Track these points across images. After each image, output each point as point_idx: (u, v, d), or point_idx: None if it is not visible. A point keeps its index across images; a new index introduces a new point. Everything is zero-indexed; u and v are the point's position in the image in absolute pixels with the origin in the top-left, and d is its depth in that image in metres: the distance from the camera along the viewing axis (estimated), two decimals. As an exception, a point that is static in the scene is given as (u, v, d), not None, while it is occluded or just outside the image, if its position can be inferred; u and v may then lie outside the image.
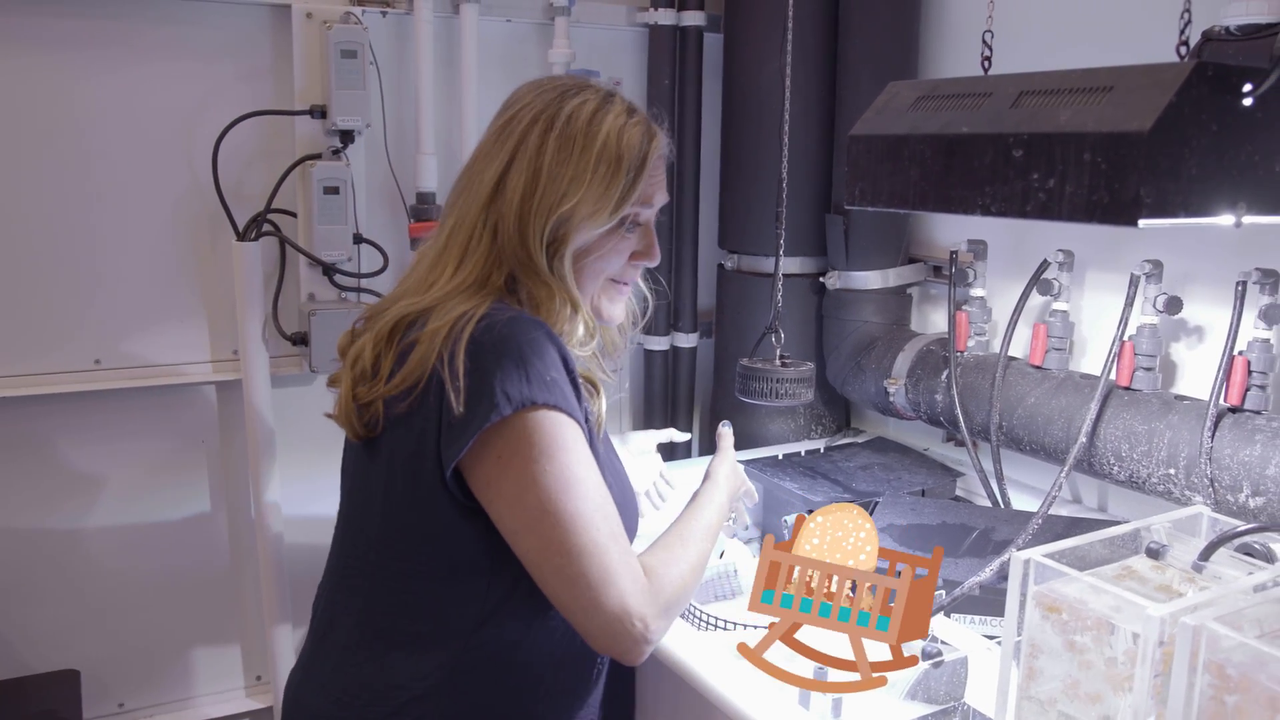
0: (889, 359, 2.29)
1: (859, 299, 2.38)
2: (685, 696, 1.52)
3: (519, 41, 2.46)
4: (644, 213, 1.36)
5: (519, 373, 1.17)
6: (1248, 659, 1.19)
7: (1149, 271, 1.84)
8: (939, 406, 2.16)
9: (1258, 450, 1.63)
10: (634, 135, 1.31)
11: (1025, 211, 1.24)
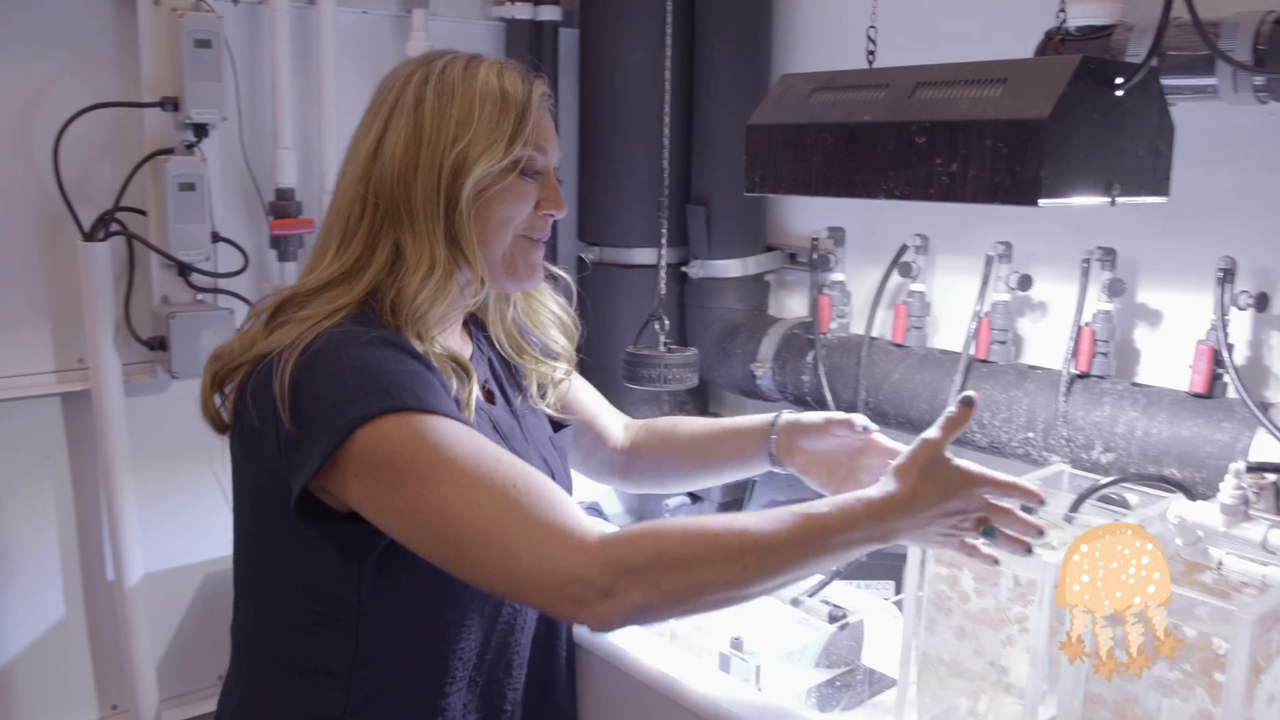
0: (754, 344, 2.38)
1: (722, 287, 2.46)
2: (608, 673, 1.55)
3: (375, 34, 2.42)
4: (539, 158, 1.31)
5: (357, 387, 1.12)
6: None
7: (1001, 252, 1.99)
8: (806, 387, 2.27)
9: (1106, 411, 1.80)
10: (513, 79, 1.29)
11: (929, 194, 1.33)
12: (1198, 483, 1.65)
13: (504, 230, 1.30)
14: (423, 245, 1.23)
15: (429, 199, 1.22)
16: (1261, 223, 1.76)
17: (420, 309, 1.22)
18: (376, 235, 1.24)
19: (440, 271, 1.23)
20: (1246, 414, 1.66)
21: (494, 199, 1.27)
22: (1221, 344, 1.72)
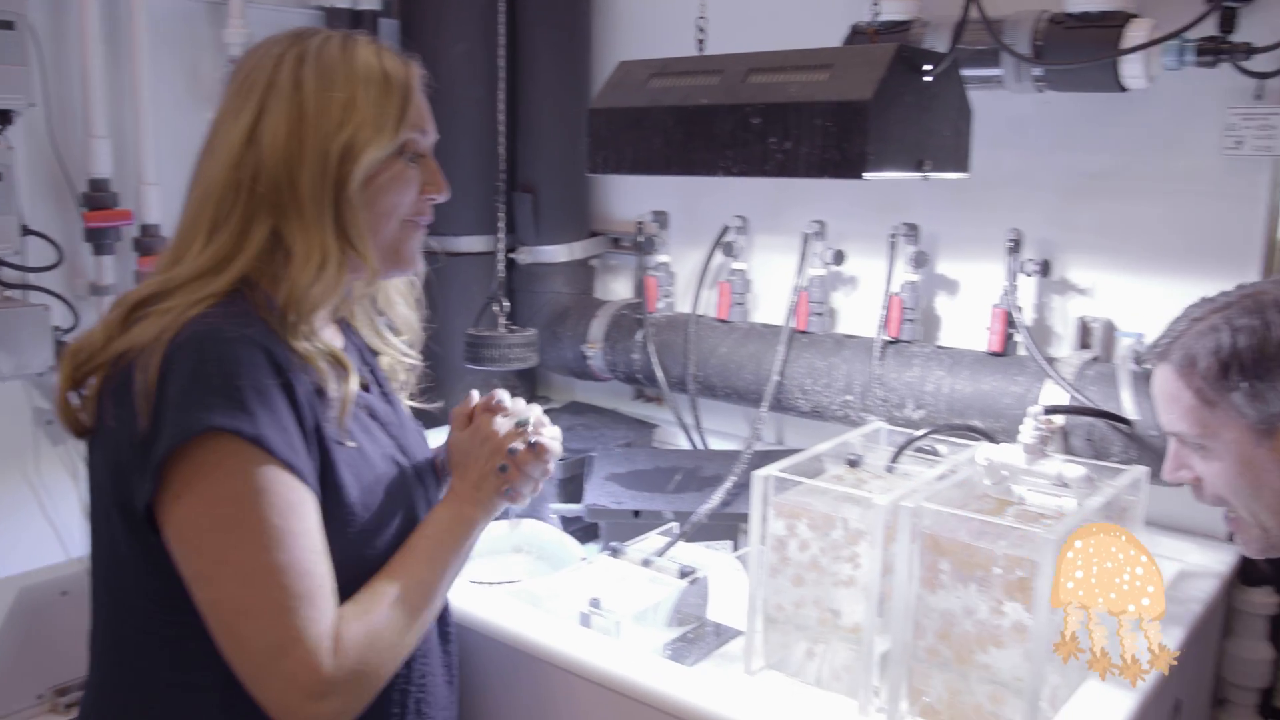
0: (584, 326, 2.46)
1: (549, 272, 2.53)
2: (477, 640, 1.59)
3: (190, 21, 2.36)
4: (421, 140, 1.28)
5: (216, 392, 1.07)
6: (948, 526, 1.47)
7: (816, 230, 2.15)
8: (636, 365, 2.37)
9: (916, 372, 1.98)
10: (392, 60, 1.25)
11: (765, 170, 1.44)
12: (998, 431, 1.84)
13: (391, 218, 1.26)
14: (312, 236, 1.17)
15: (316, 186, 1.17)
16: (1043, 198, 1.97)
17: (313, 303, 1.17)
18: (250, 222, 1.17)
19: (333, 263, 1.18)
20: (1036, 368, 1.87)
21: (382, 186, 1.22)
22: (1012, 307, 1.93)
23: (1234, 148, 1.77)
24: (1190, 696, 1.69)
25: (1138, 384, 1.76)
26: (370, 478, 1.23)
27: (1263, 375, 1.20)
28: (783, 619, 1.68)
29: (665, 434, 2.49)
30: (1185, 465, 1.34)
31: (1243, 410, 1.22)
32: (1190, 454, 1.32)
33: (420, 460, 1.37)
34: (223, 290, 1.15)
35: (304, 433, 1.13)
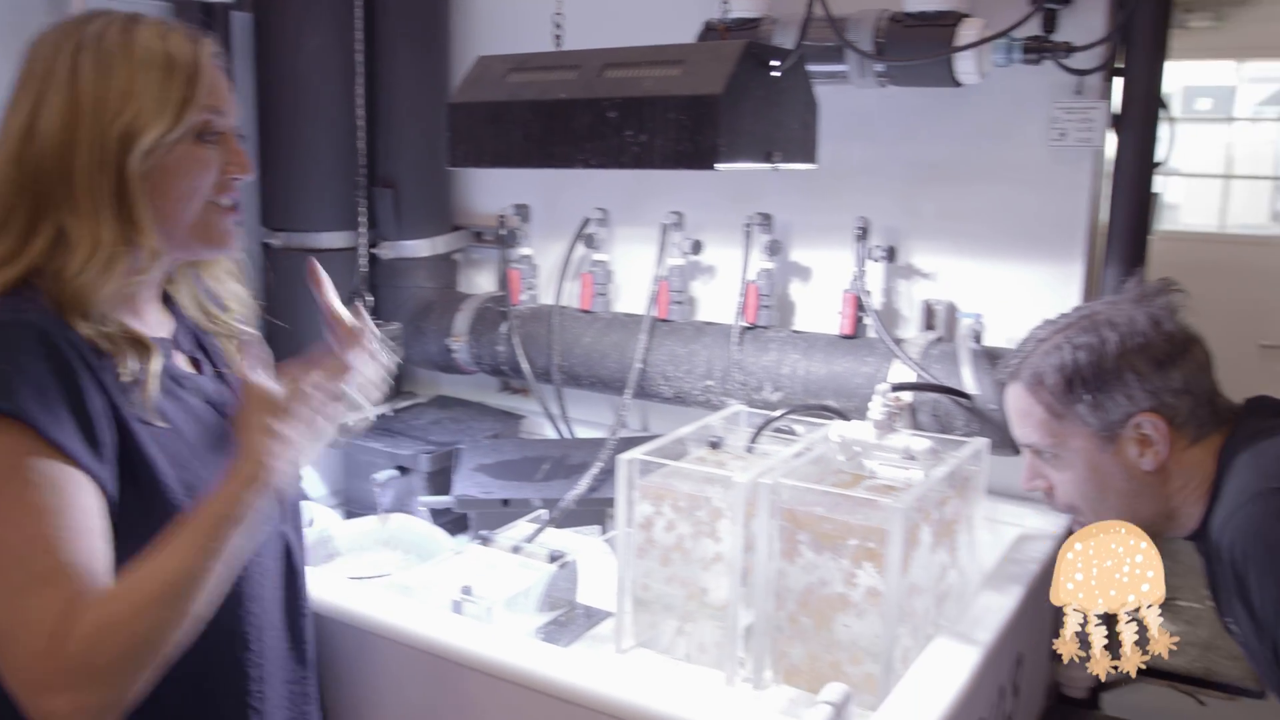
0: (448, 319, 2.47)
1: (412, 267, 2.53)
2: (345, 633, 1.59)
3: (27, 12, 2.26)
4: (217, 120, 1.24)
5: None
6: (804, 500, 1.55)
7: (674, 221, 2.21)
8: (501, 357, 2.39)
9: (773, 356, 2.06)
10: (178, 41, 1.21)
11: (621, 163, 1.49)
12: (851, 410, 1.93)
13: (190, 200, 1.23)
14: (85, 225, 1.15)
15: (92, 176, 1.15)
16: (888, 188, 2.07)
17: (83, 290, 1.15)
18: (36, 220, 1.15)
19: (105, 251, 1.15)
20: (885, 349, 1.96)
21: (174, 170, 1.20)
22: (861, 292, 2.02)
23: (1058, 139, 1.90)
24: (1031, 650, 1.81)
25: (977, 361, 1.87)
26: (189, 457, 1.21)
27: (1102, 387, 1.31)
28: (651, 599, 1.74)
29: (532, 425, 2.52)
30: (1040, 475, 1.43)
31: (1087, 420, 1.33)
32: (1043, 465, 1.42)
33: None
34: (6, 283, 1.14)
35: (89, 414, 1.11)
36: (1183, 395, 1.31)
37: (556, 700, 1.38)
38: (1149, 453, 1.32)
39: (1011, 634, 1.61)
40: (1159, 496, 1.34)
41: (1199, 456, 1.32)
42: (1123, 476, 1.34)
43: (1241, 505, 1.22)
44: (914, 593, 1.56)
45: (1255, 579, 1.17)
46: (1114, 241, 1.88)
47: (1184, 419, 1.31)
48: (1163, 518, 1.36)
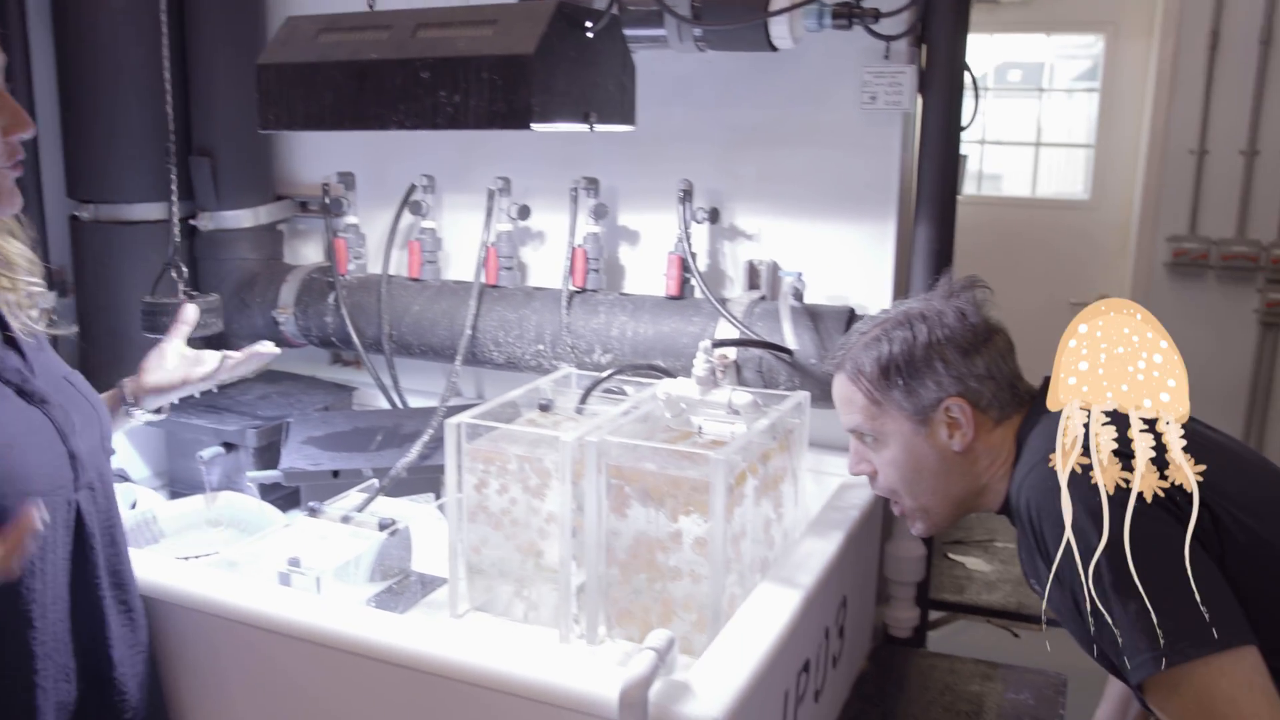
0: (273, 291, 2.40)
1: (233, 238, 2.45)
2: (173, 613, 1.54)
3: None
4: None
5: None
6: (630, 456, 1.58)
7: (501, 187, 2.20)
8: (330, 328, 2.34)
9: (602, 318, 2.08)
10: None
11: (436, 123, 1.47)
12: (679, 369, 1.97)
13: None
14: None
15: None
16: (709, 151, 2.11)
17: None
18: None
19: None
20: (710, 309, 2.01)
21: None
22: (686, 254, 2.06)
23: (869, 103, 1.97)
24: (855, 592, 1.89)
25: (797, 318, 1.93)
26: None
27: (914, 375, 1.42)
28: (486, 564, 1.74)
29: (365, 396, 2.48)
30: (864, 460, 1.52)
31: (902, 405, 1.43)
32: (867, 449, 1.51)
33: (63, 405, 1.31)
34: None
35: None
36: (986, 380, 1.41)
37: (388, 665, 1.38)
38: (957, 434, 1.42)
39: (835, 577, 1.68)
40: (969, 475, 1.44)
41: (1002, 436, 1.43)
42: (935, 458, 1.44)
43: (1033, 467, 1.30)
44: (739, 541, 1.61)
45: (1049, 532, 1.24)
46: (923, 201, 1.96)
47: (987, 402, 1.42)
48: (974, 495, 1.46)
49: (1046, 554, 1.26)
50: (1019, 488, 1.33)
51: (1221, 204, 4.03)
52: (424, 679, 1.36)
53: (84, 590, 1.33)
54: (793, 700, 1.55)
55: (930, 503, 1.48)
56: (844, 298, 2.06)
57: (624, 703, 1.19)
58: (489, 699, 1.32)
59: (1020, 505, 1.31)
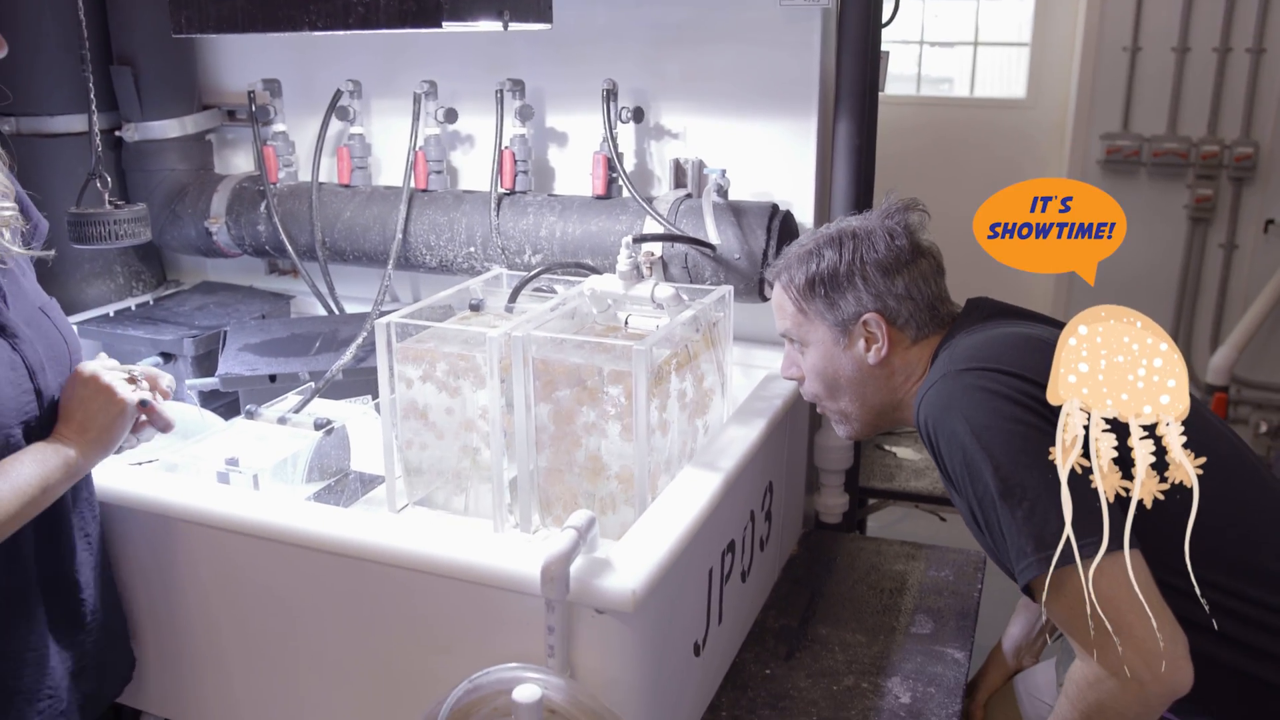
0: (204, 201, 2.40)
1: (161, 149, 2.43)
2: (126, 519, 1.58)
3: None
4: None
5: None
6: (554, 350, 1.63)
7: (427, 90, 2.20)
8: (263, 237, 2.35)
9: (530, 219, 2.10)
10: None
11: (349, 24, 1.48)
12: (607, 267, 2.00)
13: None
14: None
15: None
16: (633, 50, 2.12)
17: None
18: None
19: None
20: (638, 208, 2.04)
21: None
22: (613, 153, 2.08)
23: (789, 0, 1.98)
24: (782, 479, 1.96)
25: (719, 214, 1.97)
26: None
27: (836, 289, 1.51)
28: (423, 463, 1.79)
29: (302, 305, 2.50)
30: (794, 364, 1.62)
31: (825, 315, 1.53)
32: (797, 354, 1.61)
33: (32, 340, 1.34)
34: None
35: None
36: (905, 300, 1.50)
37: (322, 554, 1.43)
38: (874, 348, 1.51)
39: (758, 462, 1.75)
40: (885, 388, 1.54)
41: (919, 354, 1.52)
42: (853, 368, 1.54)
43: (932, 384, 1.38)
44: (665, 430, 1.67)
45: (944, 446, 1.32)
46: (843, 98, 1.99)
47: (904, 321, 1.51)
48: (891, 408, 1.56)
49: (944, 467, 1.35)
50: (919, 404, 1.39)
51: (1154, 101, 4.08)
52: (357, 565, 1.42)
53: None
54: (718, 578, 1.62)
55: (849, 409, 1.58)
56: (768, 194, 2.10)
57: (545, 577, 1.25)
58: (420, 582, 1.39)
59: (920, 421, 1.38)
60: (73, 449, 1.30)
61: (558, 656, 1.30)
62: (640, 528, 1.42)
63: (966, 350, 1.41)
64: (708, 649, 1.59)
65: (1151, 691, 1.19)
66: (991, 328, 1.47)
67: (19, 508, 1.24)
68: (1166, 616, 1.19)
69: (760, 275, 1.95)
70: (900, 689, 1.67)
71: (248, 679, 1.59)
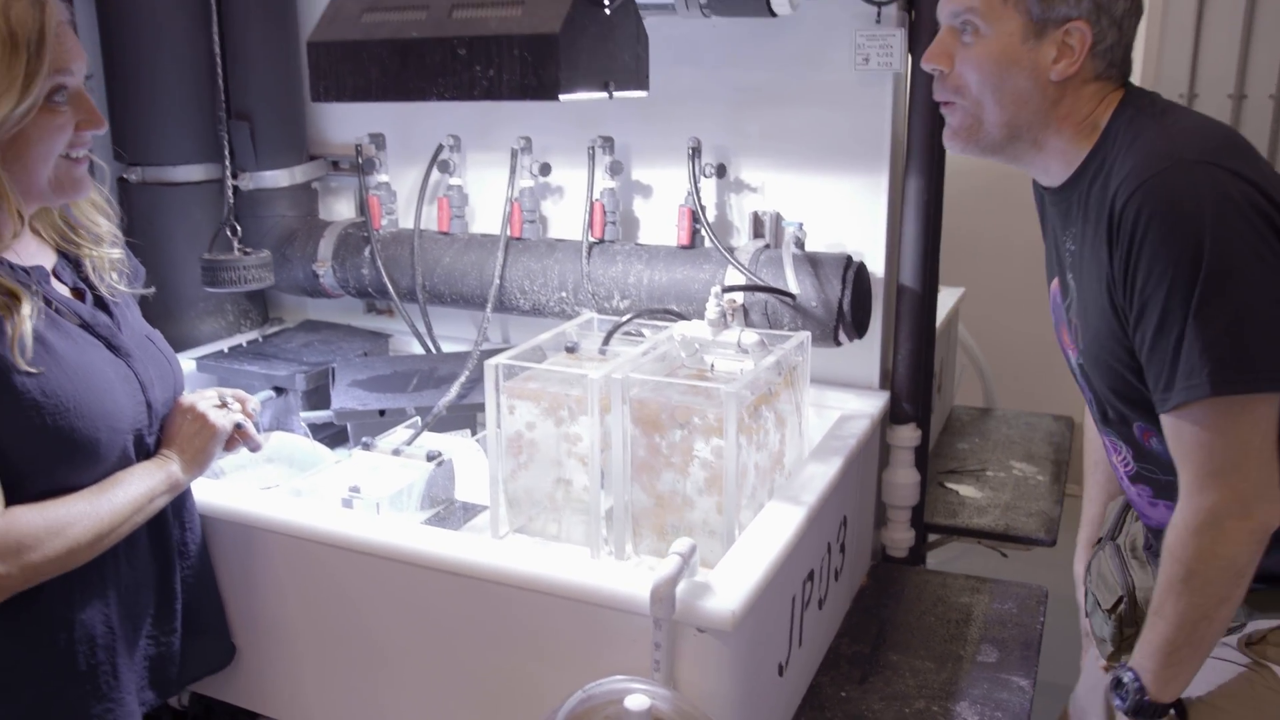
0: (312, 246, 2.58)
1: (272, 197, 2.62)
2: (239, 534, 1.74)
3: None
4: (69, 81, 1.34)
5: None
6: (651, 392, 1.76)
7: (523, 146, 2.37)
8: (366, 280, 2.52)
9: (619, 267, 2.26)
10: (21, 10, 1.28)
11: (473, 95, 1.64)
12: (691, 313, 2.15)
13: (46, 161, 1.36)
14: None
15: None
16: (715, 110, 2.27)
17: None
18: None
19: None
20: (719, 257, 2.18)
21: (28, 138, 1.32)
22: (697, 206, 2.23)
23: (863, 64, 2.12)
24: (855, 514, 2.09)
25: (799, 265, 2.10)
26: (64, 382, 1.38)
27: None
28: (522, 493, 1.94)
29: (399, 343, 2.67)
30: (945, 53, 1.44)
31: (1030, 6, 1.36)
32: (952, 45, 1.43)
33: (143, 360, 1.53)
34: None
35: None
36: (1113, 27, 1.37)
37: (448, 575, 1.58)
38: (1064, 60, 1.37)
39: (835, 498, 1.88)
40: (1041, 112, 1.40)
41: (1090, 96, 1.40)
42: (1027, 75, 1.38)
43: (1157, 170, 1.26)
44: (750, 466, 1.80)
45: (1153, 244, 1.24)
46: (913, 155, 2.13)
47: (1104, 48, 1.37)
48: (1032, 133, 1.42)
49: (1129, 260, 1.27)
50: (1127, 184, 1.28)
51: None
52: (479, 585, 1.57)
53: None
54: (799, 605, 1.75)
55: (990, 115, 1.42)
56: (841, 245, 2.23)
57: (655, 598, 1.39)
58: (536, 601, 1.53)
59: (1120, 203, 1.28)
60: (175, 467, 1.52)
61: (662, 671, 1.43)
62: (735, 555, 1.56)
63: (1189, 135, 1.31)
64: (790, 670, 1.72)
65: (1262, 525, 1.27)
66: (1189, 114, 1.38)
67: (130, 514, 1.45)
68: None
69: (836, 322, 2.08)
70: (969, 713, 1.78)
71: (358, 687, 1.75)
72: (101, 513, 1.41)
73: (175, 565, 1.63)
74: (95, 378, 1.43)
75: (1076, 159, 1.42)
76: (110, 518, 1.42)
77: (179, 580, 1.64)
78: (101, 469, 1.44)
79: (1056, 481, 2.70)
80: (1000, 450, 2.92)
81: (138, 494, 1.46)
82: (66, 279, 1.53)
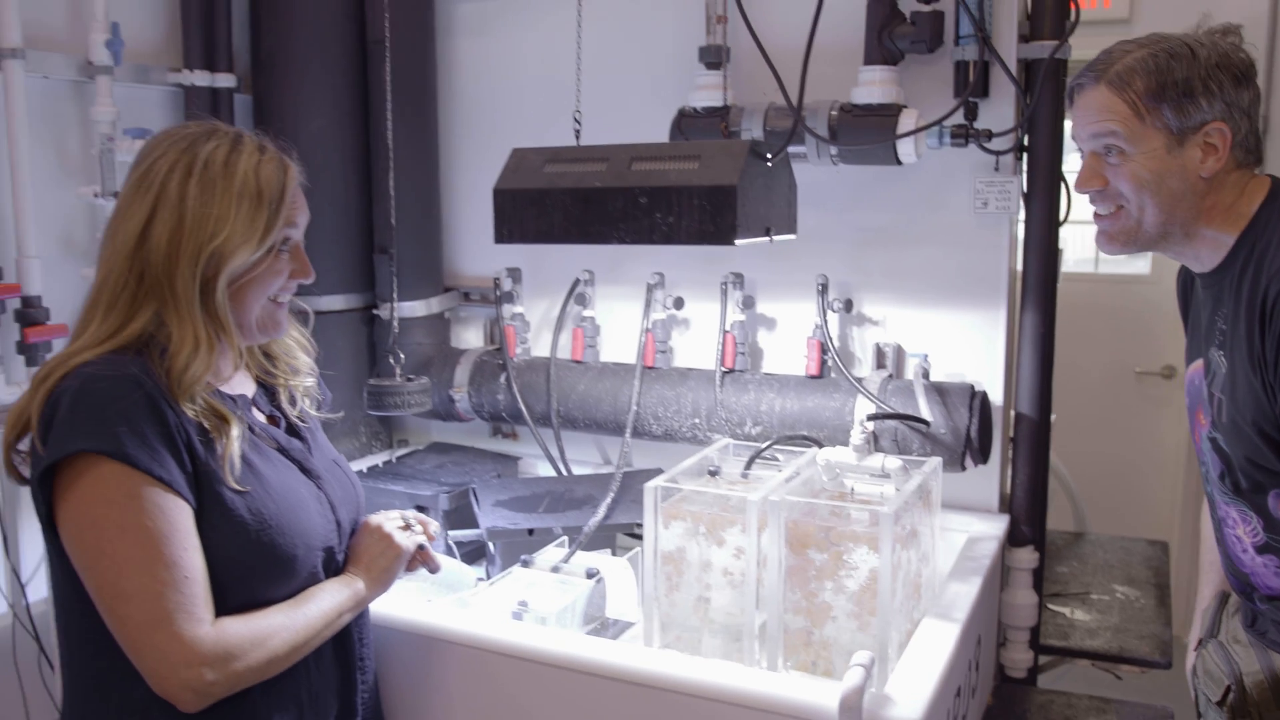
0: (449, 372, 2.74)
1: (411, 326, 2.79)
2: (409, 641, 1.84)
3: (55, 99, 2.46)
4: (293, 234, 1.54)
5: (87, 421, 1.34)
6: (803, 513, 1.87)
7: (657, 281, 2.53)
8: (501, 405, 2.67)
9: (751, 395, 2.39)
10: (269, 170, 1.48)
11: (653, 239, 1.81)
12: (823, 438, 2.27)
13: (259, 303, 1.53)
14: (186, 324, 1.43)
15: (188, 285, 1.42)
16: (840, 249, 2.44)
17: (191, 378, 1.44)
18: (139, 304, 1.44)
19: (204, 346, 1.44)
20: (848, 386, 2.31)
21: (253, 282, 1.49)
22: (825, 338, 2.37)
23: (982, 208, 2.29)
24: (985, 633, 2.17)
25: (929, 393, 2.23)
26: (266, 501, 1.49)
27: (1189, 93, 1.49)
28: (673, 611, 2.03)
29: (526, 465, 2.80)
30: (1097, 175, 1.57)
31: (1169, 120, 1.50)
32: (1101, 164, 1.57)
33: (331, 482, 1.65)
34: (112, 348, 1.42)
35: (180, 461, 1.39)
36: (1244, 117, 1.50)
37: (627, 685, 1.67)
38: (1211, 158, 1.50)
39: (974, 618, 1.96)
40: (1196, 206, 1.53)
41: (1236, 182, 1.53)
42: (1179, 178, 1.51)
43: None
44: (899, 584, 1.90)
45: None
46: (1028, 289, 2.28)
47: (1241, 139, 1.51)
48: (1187, 225, 1.55)
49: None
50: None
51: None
52: (663, 696, 1.66)
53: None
54: (954, 719, 1.83)
55: (1149, 217, 1.54)
56: (960, 375, 2.36)
57: (844, 706, 1.48)
58: (724, 713, 1.61)
59: (1275, 288, 1.42)
60: (361, 585, 1.61)
61: (849, 776, 1.51)
62: (903, 669, 1.64)
63: None
64: (947, 784, 1.78)
65: None
66: None
67: (322, 628, 1.54)
68: None
69: (963, 449, 2.20)
70: (1119, 829, 1.83)
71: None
72: (298, 626, 1.50)
73: (356, 676, 1.73)
74: (292, 498, 1.55)
75: (1226, 245, 1.56)
76: (305, 631, 1.51)
77: (359, 693, 1.73)
78: (295, 584, 1.54)
79: (1162, 605, 2.75)
80: (1101, 574, 2.98)
81: (328, 609, 1.55)
82: (263, 407, 1.67)
